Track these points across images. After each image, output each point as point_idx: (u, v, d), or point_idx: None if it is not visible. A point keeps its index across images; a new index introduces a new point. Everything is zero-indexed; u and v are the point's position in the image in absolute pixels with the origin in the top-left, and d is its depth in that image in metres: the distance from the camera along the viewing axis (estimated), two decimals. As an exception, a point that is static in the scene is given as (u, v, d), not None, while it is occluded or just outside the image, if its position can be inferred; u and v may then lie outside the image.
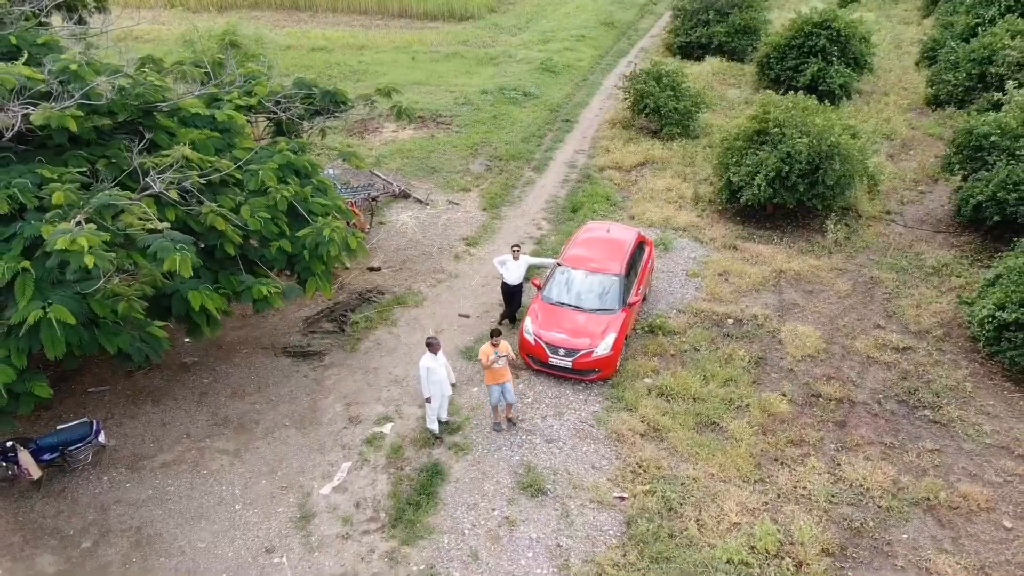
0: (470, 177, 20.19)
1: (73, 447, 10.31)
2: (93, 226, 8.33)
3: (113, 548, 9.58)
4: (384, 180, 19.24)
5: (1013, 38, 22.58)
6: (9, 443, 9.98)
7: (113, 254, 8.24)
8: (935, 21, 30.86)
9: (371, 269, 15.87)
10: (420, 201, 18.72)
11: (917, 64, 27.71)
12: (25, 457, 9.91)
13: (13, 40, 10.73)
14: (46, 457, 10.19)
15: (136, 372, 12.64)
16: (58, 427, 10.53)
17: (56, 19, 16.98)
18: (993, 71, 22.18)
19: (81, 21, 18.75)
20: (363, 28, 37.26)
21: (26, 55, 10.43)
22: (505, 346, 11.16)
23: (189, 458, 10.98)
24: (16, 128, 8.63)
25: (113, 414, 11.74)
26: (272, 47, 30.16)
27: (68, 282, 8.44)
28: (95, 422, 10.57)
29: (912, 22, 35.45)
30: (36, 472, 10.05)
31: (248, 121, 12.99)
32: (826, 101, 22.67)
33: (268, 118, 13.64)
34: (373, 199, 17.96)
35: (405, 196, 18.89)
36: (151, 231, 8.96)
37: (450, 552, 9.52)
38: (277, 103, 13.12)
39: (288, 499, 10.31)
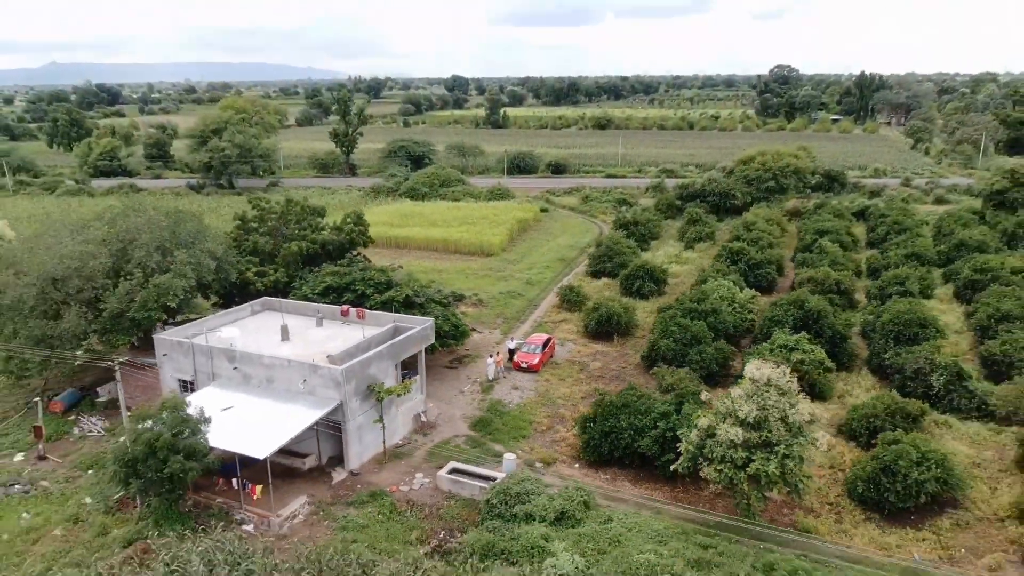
0: (496, 324, 53.92)
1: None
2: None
3: (438, 397, 42.23)
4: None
5: (719, 282, 57.07)
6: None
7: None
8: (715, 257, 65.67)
9: (464, 350, 49.07)
10: (479, 332, 52.24)
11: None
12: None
13: (383, 278, 44.80)
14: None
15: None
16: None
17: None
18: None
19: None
20: (436, 260, 72.63)
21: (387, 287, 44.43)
22: (501, 356, 44.51)
23: (431, 382, 43.66)
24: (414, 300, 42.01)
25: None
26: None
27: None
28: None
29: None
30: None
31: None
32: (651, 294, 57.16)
33: (438, 302, 47.36)
34: (463, 330, 51.50)
35: (473, 330, 52.39)
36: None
37: (496, 396, 42.07)
38: (445, 297, 46.93)
39: (456, 389, 42.96)
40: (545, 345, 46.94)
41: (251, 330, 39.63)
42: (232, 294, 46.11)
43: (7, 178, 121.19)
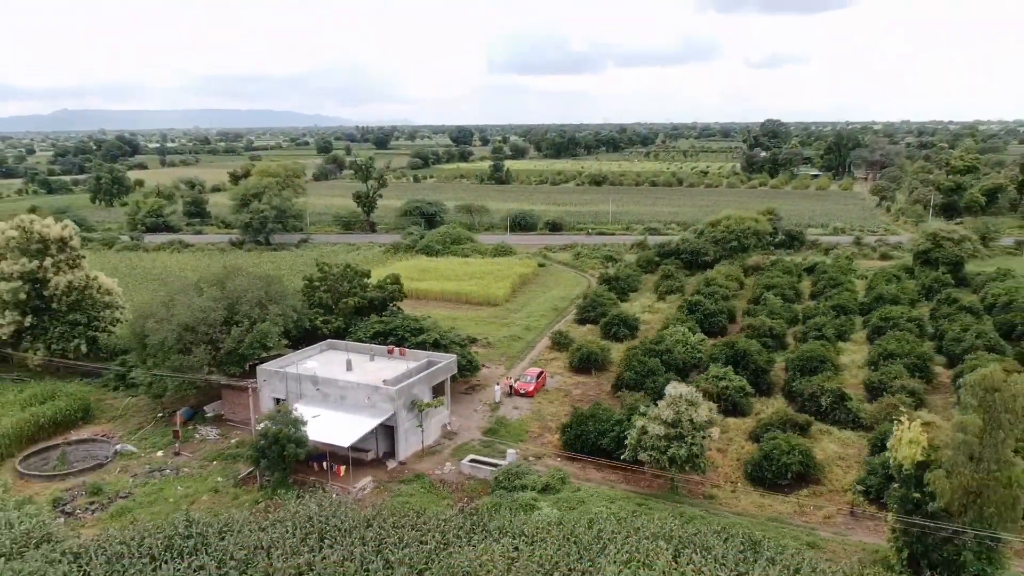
0: (500, 361, 68.48)
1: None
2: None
3: (458, 414, 56.68)
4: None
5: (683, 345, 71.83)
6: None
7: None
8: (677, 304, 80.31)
9: (476, 381, 63.54)
10: (487, 367, 66.78)
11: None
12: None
13: (416, 325, 59.48)
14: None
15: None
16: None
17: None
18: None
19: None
20: (452, 309, 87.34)
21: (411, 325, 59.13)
22: (506, 382, 59.06)
23: (452, 403, 58.05)
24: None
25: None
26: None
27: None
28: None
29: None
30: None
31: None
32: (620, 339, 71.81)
33: (458, 343, 61.92)
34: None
35: (483, 366, 66.90)
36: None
37: (502, 412, 56.48)
38: (463, 340, 61.48)
39: (471, 408, 57.38)
40: (538, 377, 61.42)
41: (323, 363, 54.29)
42: (299, 337, 60.75)
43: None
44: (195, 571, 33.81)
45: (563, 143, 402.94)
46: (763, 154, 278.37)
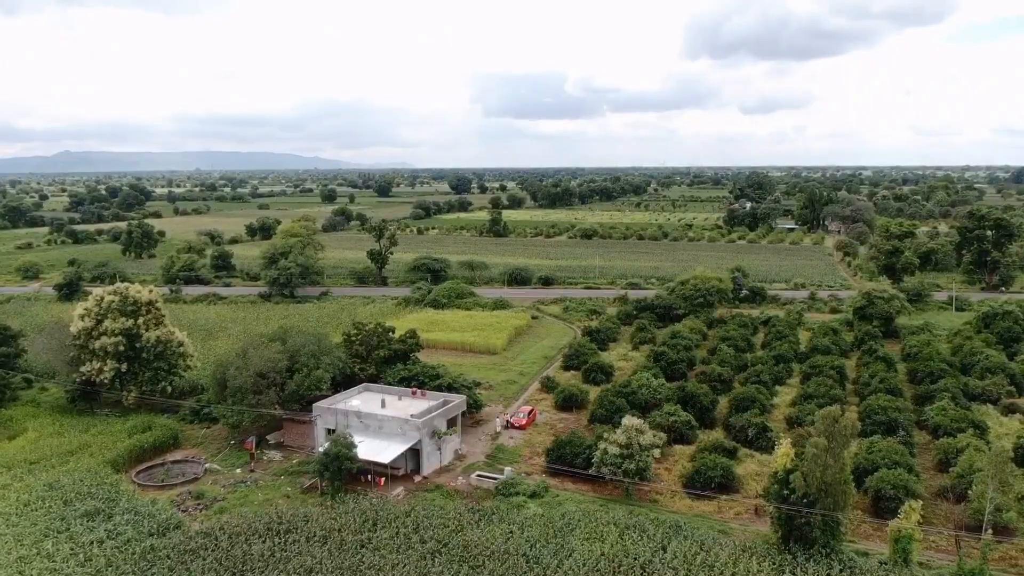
0: (499, 400, 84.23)
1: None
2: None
3: (467, 441, 72.31)
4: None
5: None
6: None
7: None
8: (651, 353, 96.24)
9: (480, 417, 79.17)
10: (488, 406, 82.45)
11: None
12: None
13: (433, 372, 75.37)
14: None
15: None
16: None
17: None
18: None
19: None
20: (457, 357, 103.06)
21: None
22: (504, 417, 74.85)
23: (464, 432, 73.64)
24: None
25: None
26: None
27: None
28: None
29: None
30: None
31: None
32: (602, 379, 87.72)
33: (466, 386, 77.65)
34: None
35: (485, 405, 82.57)
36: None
37: (501, 440, 72.09)
38: (469, 383, 77.25)
39: (476, 437, 72.97)
40: (529, 413, 77.08)
41: (363, 401, 70.06)
42: (340, 381, 76.55)
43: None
44: (291, 543, 49.41)
45: (558, 193, 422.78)
46: (747, 206, 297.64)
